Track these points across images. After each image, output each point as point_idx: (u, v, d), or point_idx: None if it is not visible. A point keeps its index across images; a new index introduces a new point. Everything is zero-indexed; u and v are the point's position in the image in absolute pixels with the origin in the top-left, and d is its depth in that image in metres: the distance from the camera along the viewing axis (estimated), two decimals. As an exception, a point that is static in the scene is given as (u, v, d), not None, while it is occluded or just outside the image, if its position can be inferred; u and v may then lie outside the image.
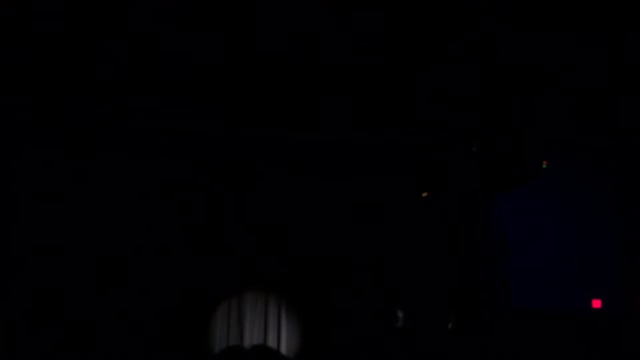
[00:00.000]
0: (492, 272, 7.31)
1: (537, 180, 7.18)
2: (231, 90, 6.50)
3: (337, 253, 7.23)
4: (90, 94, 6.32)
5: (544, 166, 7.18)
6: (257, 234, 7.12)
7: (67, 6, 5.18)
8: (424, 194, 7.54)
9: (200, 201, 7.03)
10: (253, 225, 7.13)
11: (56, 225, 6.59)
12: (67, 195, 6.65)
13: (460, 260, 7.40)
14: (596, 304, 7.02)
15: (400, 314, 7.13)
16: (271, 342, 7.08)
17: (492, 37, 5.76)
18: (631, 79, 6.27)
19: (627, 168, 6.99)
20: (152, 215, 6.84)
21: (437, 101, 6.80)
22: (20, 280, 6.40)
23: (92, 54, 5.79)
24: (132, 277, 6.68)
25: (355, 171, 7.29)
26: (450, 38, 5.72)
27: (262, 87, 6.48)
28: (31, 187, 6.56)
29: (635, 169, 6.96)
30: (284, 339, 7.11)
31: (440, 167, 7.37)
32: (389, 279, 7.27)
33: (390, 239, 7.34)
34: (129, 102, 6.53)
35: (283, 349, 7.09)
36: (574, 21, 5.54)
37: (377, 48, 5.88)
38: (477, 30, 5.65)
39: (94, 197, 6.76)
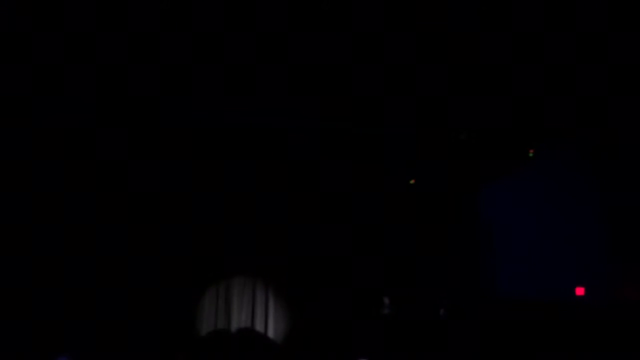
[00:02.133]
0: (478, 261, 7.36)
1: (523, 170, 7.21)
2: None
3: (324, 241, 7.26)
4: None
5: (530, 155, 7.22)
6: (245, 221, 7.13)
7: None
8: (412, 181, 7.57)
9: (192, 191, 7.04)
10: (242, 213, 7.14)
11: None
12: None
13: (447, 250, 7.44)
14: (579, 291, 7.06)
15: (386, 301, 7.16)
16: (258, 327, 7.11)
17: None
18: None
19: (611, 159, 7.02)
20: (144, 201, 6.86)
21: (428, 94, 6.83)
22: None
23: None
24: (122, 263, 6.69)
25: (342, 160, 7.30)
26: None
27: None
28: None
29: (618, 159, 6.98)
30: (271, 323, 7.13)
31: (427, 155, 7.38)
32: (375, 267, 7.30)
33: (377, 228, 7.37)
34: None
35: (270, 334, 7.11)
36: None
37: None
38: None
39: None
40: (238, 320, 7.09)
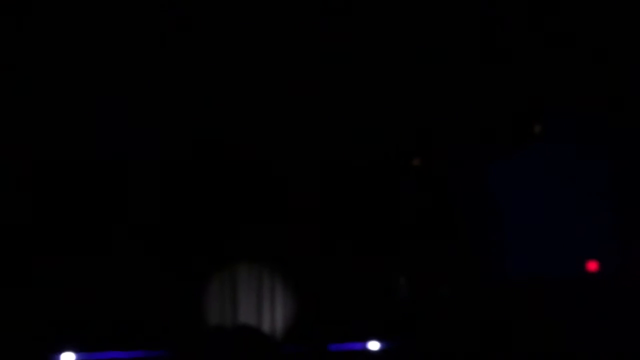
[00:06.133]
0: (487, 238, 7.20)
1: (530, 143, 7.12)
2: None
3: (331, 224, 6.96)
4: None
5: (537, 131, 7.14)
6: (250, 205, 6.76)
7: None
8: (416, 162, 7.37)
9: (195, 173, 6.64)
10: (246, 196, 6.77)
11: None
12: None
13: (455, 228, 7.25)
14: (592, 266, 6.98)
15: (402, 282, 6.90)
16: (265, 317, 6.71)
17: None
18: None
19: (621, 128, 7.02)
20: (146, 185, 6.40)
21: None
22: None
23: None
24: (124, 247, 6.22)
25: (344, 135, 7.05)
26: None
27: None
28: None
29: (630, 128, 7.00)
30: (278, 312, 6.75)
31: (432, 130, 7.22)
32: (384, 249, 7.05)
33: (384, 208, 7.14)
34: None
35: (278, 324, 6.72)
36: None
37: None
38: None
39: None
40: (245, 309, 6.67)
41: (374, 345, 6.71)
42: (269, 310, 6.71)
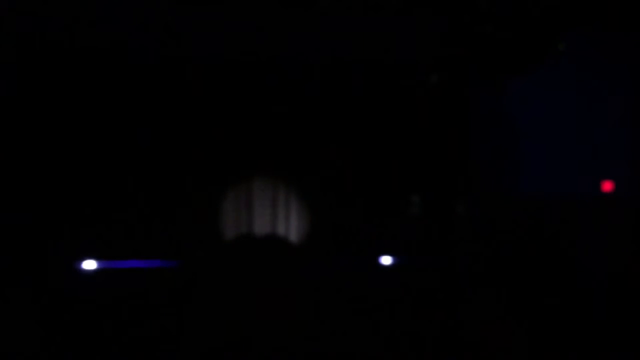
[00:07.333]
0: (501, 156, 7.19)
1: (550, 62, 6.99)
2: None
3: (345, 139, 6.96)
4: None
5: (560, 48, 7.00)
6: (262, 118, 6.77)
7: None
8: (433, 79, 7.29)
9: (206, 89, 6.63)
10: (259, 110, 6.77)
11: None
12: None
13: (468, 145, 7.24)
14: (607, 186, 6.99)
15: (415, 199, 6.95)
16: (280, 229, 6.81)
17: None
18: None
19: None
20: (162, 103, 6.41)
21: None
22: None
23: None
24: (138, 164, 6.29)
25: (359, 56, 6.96)
26: None
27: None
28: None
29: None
30: (293, 225, 6.85)
31: (447, 47, 7.09)
32: (398, 166, 7.06)
33: (396, 125, 7.11)
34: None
35: (293, 236, 6.84)
36: None
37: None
38: None
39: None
40: (260, 221, 6.77)
41: (386, 260, 6.85)
42: (284, 223, 6.81)
